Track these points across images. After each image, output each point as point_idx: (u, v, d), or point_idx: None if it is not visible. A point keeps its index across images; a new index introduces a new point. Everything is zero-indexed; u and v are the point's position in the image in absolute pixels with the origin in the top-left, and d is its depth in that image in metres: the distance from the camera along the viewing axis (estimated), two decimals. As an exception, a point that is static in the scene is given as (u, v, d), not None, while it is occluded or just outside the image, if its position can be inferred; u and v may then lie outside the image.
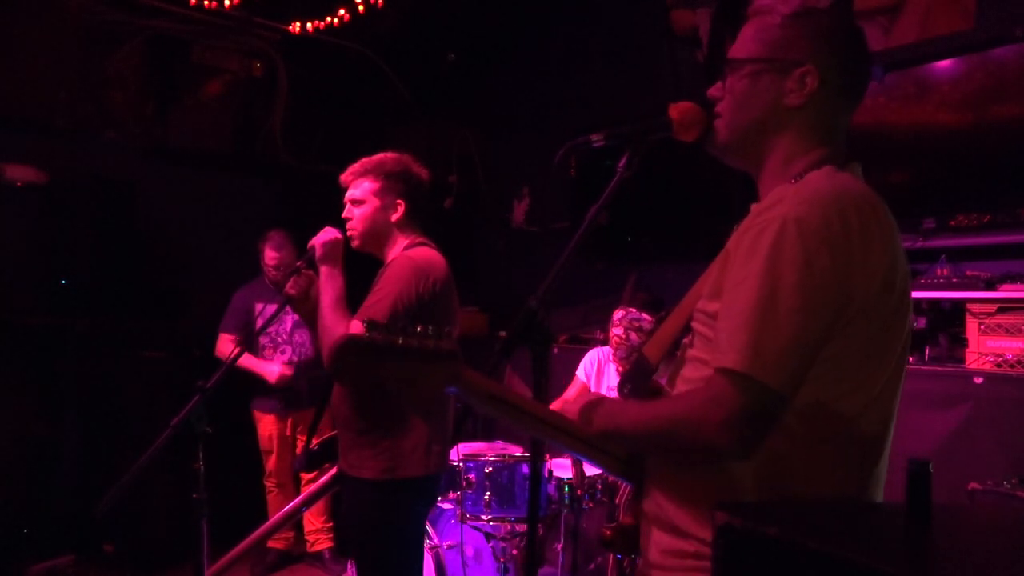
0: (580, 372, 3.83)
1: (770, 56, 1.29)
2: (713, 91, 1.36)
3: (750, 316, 1.12)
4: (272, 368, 4.09)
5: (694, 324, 1.30)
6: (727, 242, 1.30)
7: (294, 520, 3.42)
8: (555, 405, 3.90)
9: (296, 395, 4.16)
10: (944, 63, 3.26)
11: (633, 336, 3.50)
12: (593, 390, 3.79)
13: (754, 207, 1.27)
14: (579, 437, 1.34)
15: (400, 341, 1.19)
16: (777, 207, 1.17)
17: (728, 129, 1.34)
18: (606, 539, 1.43)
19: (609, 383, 3.70)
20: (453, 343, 1.23)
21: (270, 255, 4.20)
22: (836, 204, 1.15)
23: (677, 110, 1.37)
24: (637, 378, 1.44)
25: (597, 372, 3.76)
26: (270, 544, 4.23)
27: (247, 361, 4.04)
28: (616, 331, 3.51)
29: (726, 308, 1.17)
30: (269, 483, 4.28)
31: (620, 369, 3.59)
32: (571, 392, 3.85)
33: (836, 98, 1.29)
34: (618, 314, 3.52)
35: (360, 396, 2.38)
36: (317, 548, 4.33)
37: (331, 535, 4.33)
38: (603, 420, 1.32)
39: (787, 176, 1.29)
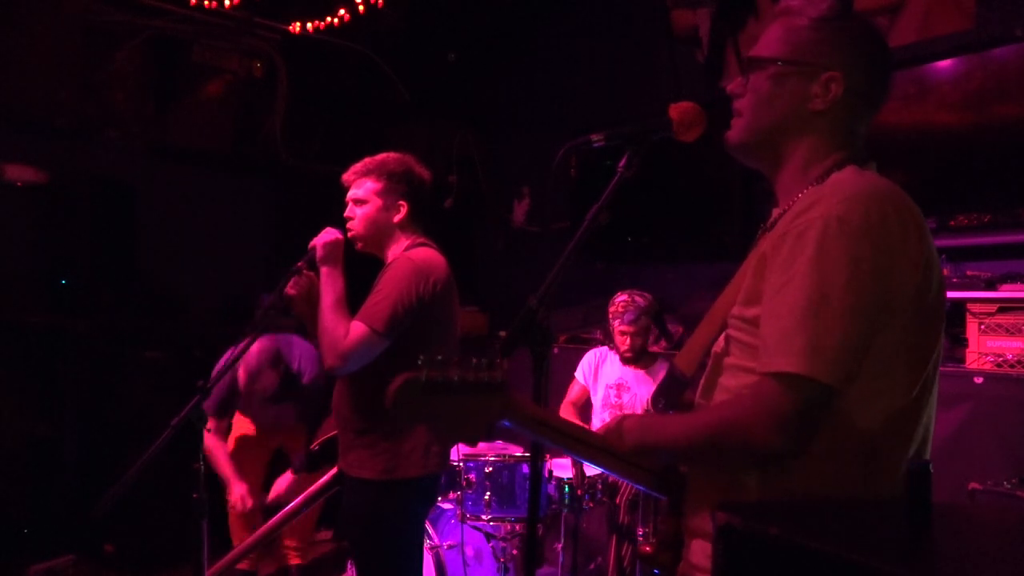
0: (579, 375, 3.83)
1: (797, 59, 1.28)
2: (734, 87, 1.35)
3: (802, 317, 1.12)
4: (237, 490, 3.57)
5: (731, 332, 1.29)
6: (759, 247, 1.29)
7: (293, 521, 3.40)
8: (562, 410, 3.90)
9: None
10: (944, 63, 3.26)
11: (638, 299, 3.51)
12: (591, 391, 3.79)
13: (789, 212, 1.25)
14: (615, 454, 1.33)
15: (455, 377, 1.18)
16: (815, 208, 1.17)
17: (748, 129, 1.33)
18: (648, 556, 1.42)
19: (607, 381, 3.70)
20: (504, 373, 1.22)
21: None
22: (874, 200, 1.15)
23: (677, 110, 1.37)
24: (671, 391, 1.43)
25: (595, 373, 3.76)
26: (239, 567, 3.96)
27: (219, 455, 3.57)
28: (621, 298, 3.52)
29: (772, 311, 1.17)
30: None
31: (625, 332, 3.55)
32: (573, 395, 3.85)
33: (858, 104, 1.29)
34: (621, 296, 3.55)
35: (360, 396, 2.38)
36: (288, 562, 4.15)
37: (301, 555, 3.99)
38: (640, 435, 1.31)
39: (807, 179, 1.28)
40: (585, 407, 3.86)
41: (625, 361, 3.65)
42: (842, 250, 1.12)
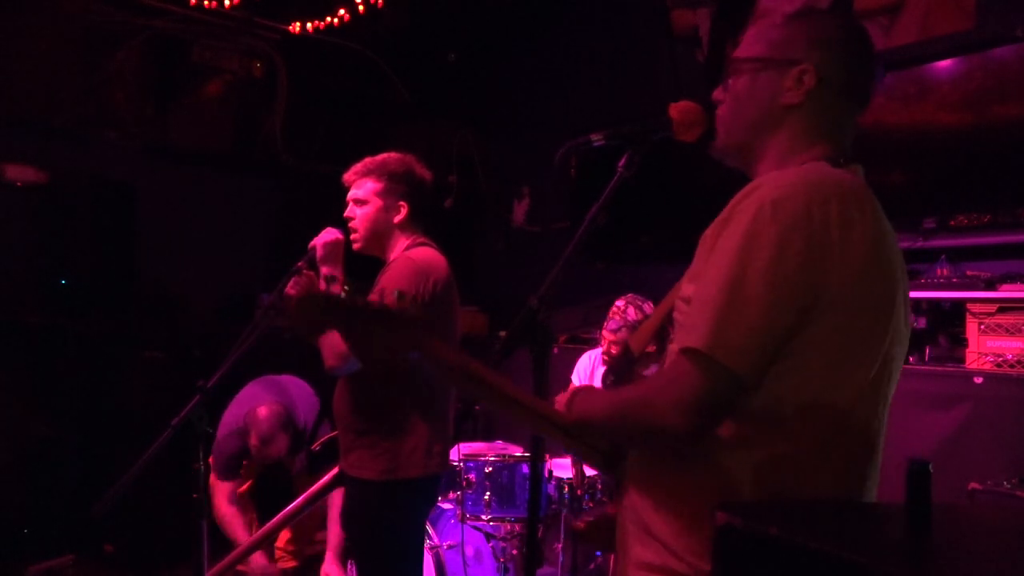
0: (574, 376, 3.83)
1: (769, 55, 1.29)
2: (716, 94, 1.36)
3: (717, 297, 1.11)
4: (257, 560, 3.43)
5: (675, 314, 1.28)
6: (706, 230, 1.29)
7: (294, 521, 3.40)
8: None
9: None
10: (944, 63, 3.26)
11: (630, 312, 3.50)
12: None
13: (737, 195, 1.24)
14: (556, 423, 1.30)
15: (360, 303, 1.19)
16: (756, 192, 1.16)
17: (727, 130, 1.33)
18: (579, 531, 1.41)
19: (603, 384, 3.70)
20: (418, 310, 1.22)
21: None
22: (816, 190, 1.14)
23: (677, 110, 1.37)
24: (620, 369, 1.45)
25: (590, 375, 3.76)
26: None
27: (236, 527, 3.47)
28: (618, 303, 3.52)
29: (698, 291, 1.17)
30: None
31: (606, 337, 3.54)
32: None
33: (837, 98, 1.28)
34: (619, 302, 3.55)
35: (360, 397, 2.38)
36: (282, 566, 4.11)
37: (294, 556, 3.90)
38: (580, 407, 1.30)
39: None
40: None
41: (605, 363, 3.63)
42: (769, 235, 1.10)
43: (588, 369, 3.77)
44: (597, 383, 3.71)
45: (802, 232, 1.10)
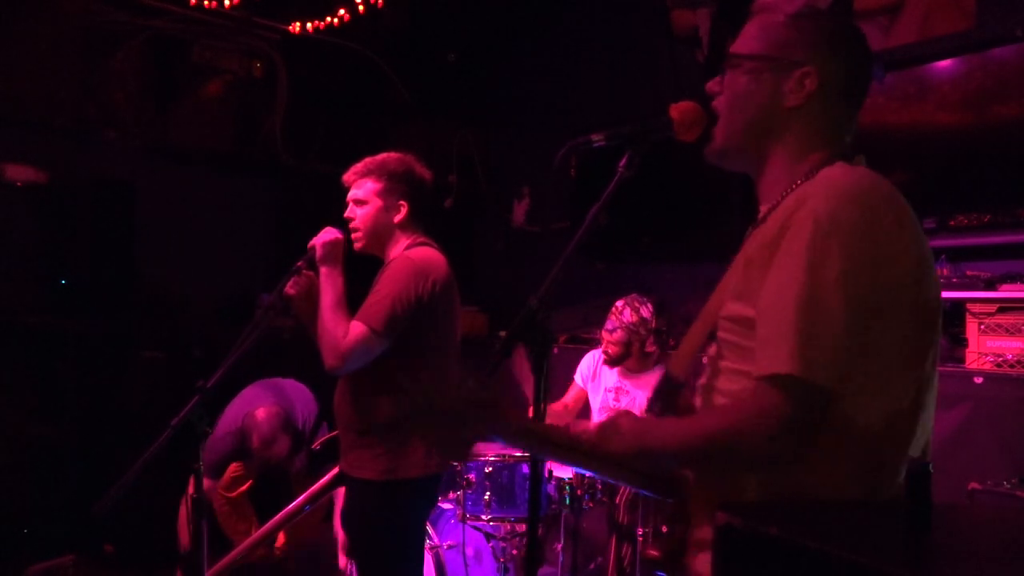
0: (578, 376, 3.82)
1: (771, 55, 1.28)
2: (712, 85, 1.35)
3: (795, 317, 1.11)
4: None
5: (721, 334, 1.28)
6: (744, 247, 1.28)
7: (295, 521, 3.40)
8: (555, 407, 3.89)
9: None
10: (944, 63, 3.26)
11: (626, 314, 3.51)
12: (589, 394, 3.79)
13: (778, 209, 1.24)
14: (607, 459, 1.31)
15: (447, 401, 1.21)
16: (805, 206, 1.16)
17: (726, 131, 1.33)
18: (655, 560, 1.40)
19: (606, 385, 3.70)
20: (494, 392, 1.23)
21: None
22: (865, 197, 1.15)
23: (678, 110, 1.37)
24: (667, 395, 1.42)
25: (593, 375, 3.76)
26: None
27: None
28: (618, 303, 3.53)
29: (765, 314, 1.16)
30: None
31: (604, 337, 3.55)
32: (569, 396, 3.84)
33: (836, 101, 1.28)
34: (619, 302, 3.56)
35: (361, 397, 2.38)
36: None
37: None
38: (638, 438, 1.28)
39: (793, 176, 1.27)
40: (581, 411, 3.85)
41: (610, 364, 3.64)
42: (833, 249, 1.11)
43: (592, 368, 3.77)
44: (602, 384, 3.71)
45: (863, 242, 1.12)
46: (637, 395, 3.59)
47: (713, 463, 1.28)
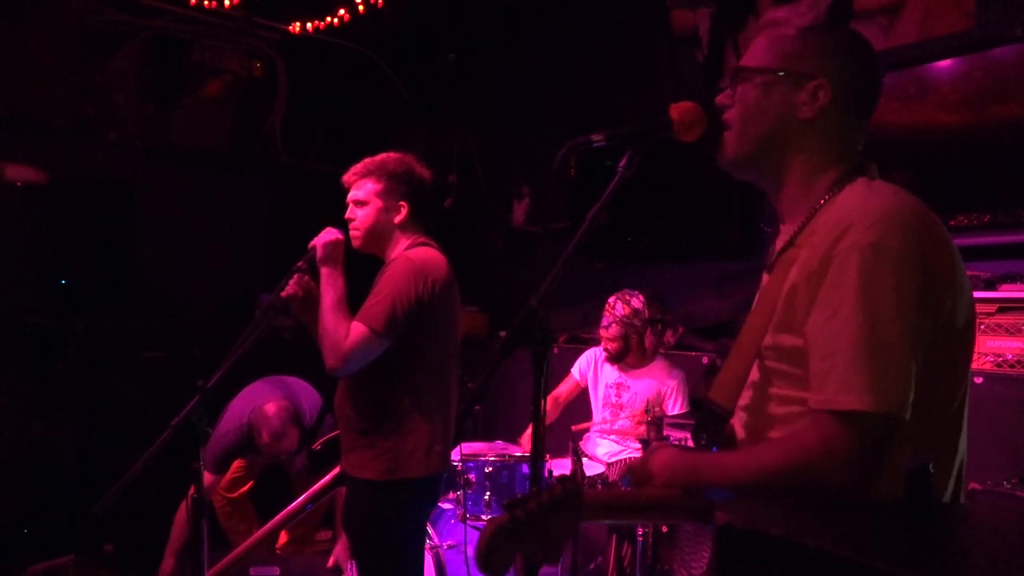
0: (575, 370, 3.83)
1: (783, 67, 1.29)
2: (722, 98, 1.35)
3: (859, 351, 1.11)
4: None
5: (768, 363, 1.28)
6: (777, 270, 1.28)
7: (294, 521, 3.41)
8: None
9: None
10: (944, 63, 3.26)
11: (619, 308, 3.54)
12: (590, 390, 3.79)
13: (814, 236, 1.23)
14: (667, 506, 1.30)
15: (535, 507, 1.18)
16: (848, 236, 1.15)
17: (739, 142, 1.33)
18: None
19: (606, 381, 3.70)
20: (576, 485, 1.21)
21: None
22: (907, 222, 1.15)
23: (677, 110, 1.37)
24: (712, 427, 1.39)
25: (594, 372, 3.76)
26: None
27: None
28: (610, 300, 3.57)
29: (823, 345, 1.15)
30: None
31: (601, 335, 3.59)
32: (562, 388, 3.85)
33: (848, 113, 1.29)
34: (610, 299, 3.59)
35: (362, 397, 2.38)
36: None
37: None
38: (691, 475, 1.27)
39: (813, 193, 1.28)
40: (571, 403, 3.86)
41: (611, 361, 3.66)
42: (885, 278, 1.11)
43: (592, 364, 3.78)
44: (602, 380, 3.71)
45: (912, 267, 1.12)
46: (638, 390, 3.59)
47: (776, 495, 1.24)
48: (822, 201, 1.26)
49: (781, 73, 1.28)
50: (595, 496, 1.28)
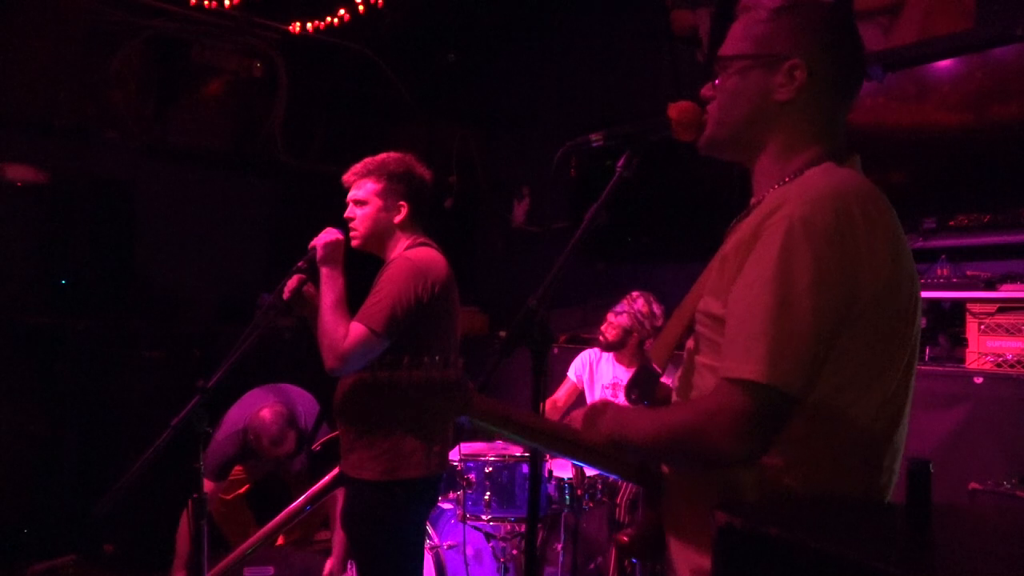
0: (571, 373, 3.83)
1: (756, 52, 1.28)
2: (706, 91, 1.35)
3: (765, 323, 1.11)
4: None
5: (698, 327, 1.29)
6: (724, 242, 1.29)
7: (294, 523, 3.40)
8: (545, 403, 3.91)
9: None
10: (944, 63, 3.26)
11: (641, 302, 3.55)
12: (586, 392, 3.79)
13: (756, 210, 1.24)
14: (590, 448, 1.33)
15: (405, 376, 1.21)
16: (780, 210, 1.16)
17: (717, 125, 1.32)
18: (624, 545, 1.41)
19: (603, 382, 3.70)
20: (460, 371, 1.23)
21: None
22: (839, 201, 1.14)
23: (676, 110, 1.37)
24: (644, 383, 1.43)
25: (590, 373, 3.76)
26: None
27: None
28: (633, 294, 3.59)
29: (737, 314, 1.16)
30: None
31: (608, 319, 3.61)
32: (560, 393, 3.85)
33: (828, 91, 1.27)
34: (634, 293, 3.60)
35: (361, 398, 2.38)
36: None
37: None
38: (611, 427, 1.31)
39: (784, 173, 1.27)
40: (571, 408, 3.86)
41: (603, 348, 3.66)
42: (805, 253, 1.11)
43: (587, 366, 3.78)
44: (599, 380, 3.71)
45: (835, 247, 1.11)
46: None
47: (674, 460, 1.29)
48: (787, 179, 1.26)
49: (755, 57, 1.27)
50: (485, 401, 1.29)
